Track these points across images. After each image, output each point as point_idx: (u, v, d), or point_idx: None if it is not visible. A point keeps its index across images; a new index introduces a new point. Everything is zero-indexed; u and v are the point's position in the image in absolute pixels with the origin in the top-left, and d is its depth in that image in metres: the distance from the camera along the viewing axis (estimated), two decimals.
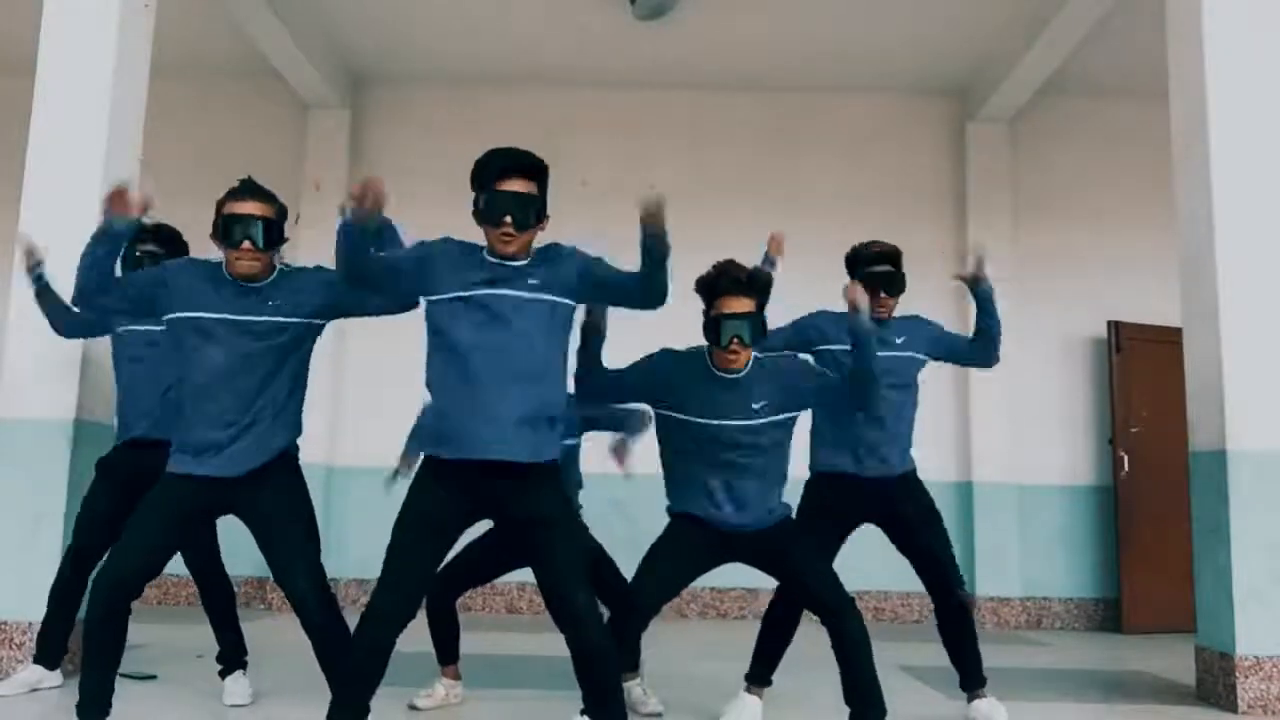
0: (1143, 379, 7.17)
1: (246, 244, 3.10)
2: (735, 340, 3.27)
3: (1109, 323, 7.29)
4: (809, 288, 7.50)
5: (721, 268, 3.37)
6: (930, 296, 7.78)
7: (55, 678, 3.98)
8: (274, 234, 3.17)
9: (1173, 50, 4.85)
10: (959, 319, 7.59)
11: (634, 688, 3.84)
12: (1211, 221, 4.49)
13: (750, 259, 8.29)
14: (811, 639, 3.79)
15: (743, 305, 3.29)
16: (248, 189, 3.19)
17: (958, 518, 7.10)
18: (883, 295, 3.81)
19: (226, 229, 3.12)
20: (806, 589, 3.39)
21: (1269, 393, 4.39)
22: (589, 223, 7.80)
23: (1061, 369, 7.53)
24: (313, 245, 7.53)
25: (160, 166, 5.79)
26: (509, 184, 2.91)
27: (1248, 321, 4.43)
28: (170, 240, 3.98)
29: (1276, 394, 4.39)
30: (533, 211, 2.92)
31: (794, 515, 3.54)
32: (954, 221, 7.66)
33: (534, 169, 2.96)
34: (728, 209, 7.61)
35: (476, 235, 2.98)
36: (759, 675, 3.82)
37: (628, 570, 3.61)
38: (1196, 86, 4.62)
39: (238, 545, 3.94)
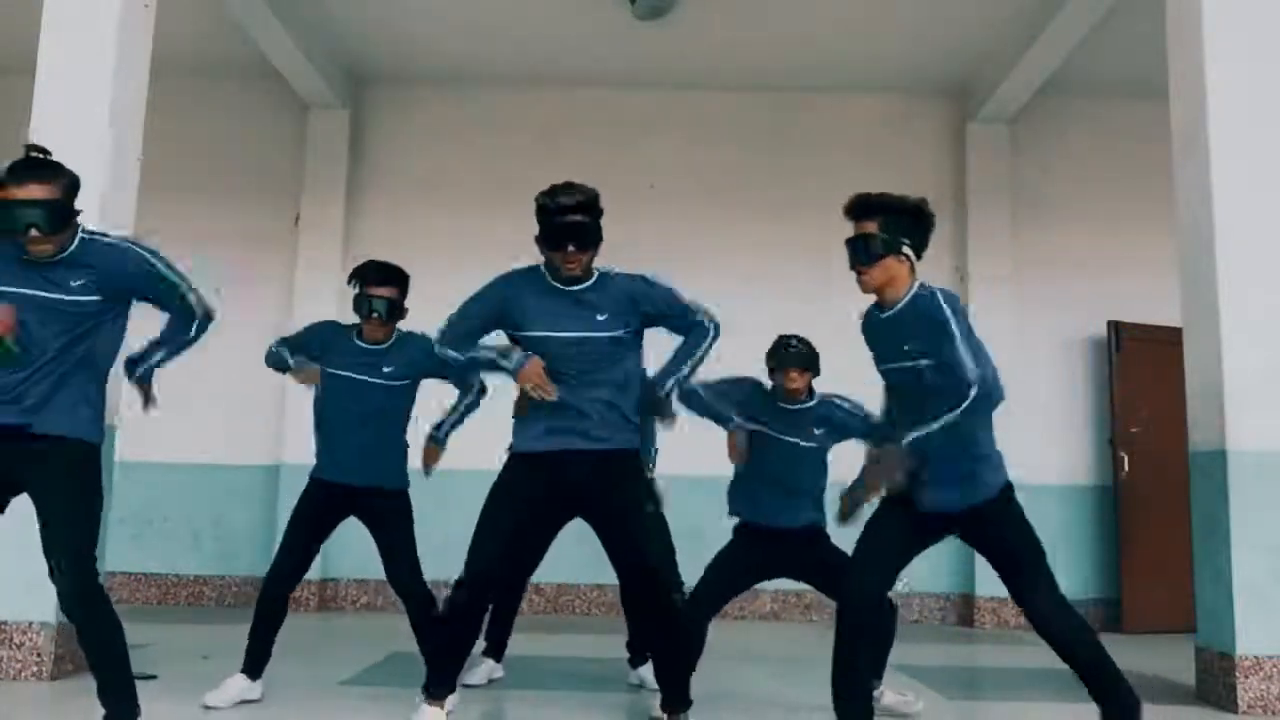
0: (1143, 379, 7.16)
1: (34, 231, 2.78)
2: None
3: (1109, 323, 7.29)
4: (808, 288, 7.56)
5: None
6: None
7: (256, 690, 3.84)
8: (59, 216, 2.81)
9: (1173, 50, 4.85)
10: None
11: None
12: (1211, 221, 4.49)
13: (748, 259, 8.21)
14: (811, 641, 3.78)
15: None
16: (22, 169, 2.80)
17: None
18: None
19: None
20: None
21: (1269, 393, 4.39)
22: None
23: (1061, 369, 7.52)
24: (312, 247, 7.56)
25: (160, 166, 5.79)
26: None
27: (1248, 321, 4.42)
28: None
29: (1276, 394, 4.39)
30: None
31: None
32: (954, 221, 7.64)
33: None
34: (727, 209, 7.62)
35: (472, 234, 2.99)
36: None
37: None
38: (1196, 86, 4.61)
39: (239, 546, 3.95)
